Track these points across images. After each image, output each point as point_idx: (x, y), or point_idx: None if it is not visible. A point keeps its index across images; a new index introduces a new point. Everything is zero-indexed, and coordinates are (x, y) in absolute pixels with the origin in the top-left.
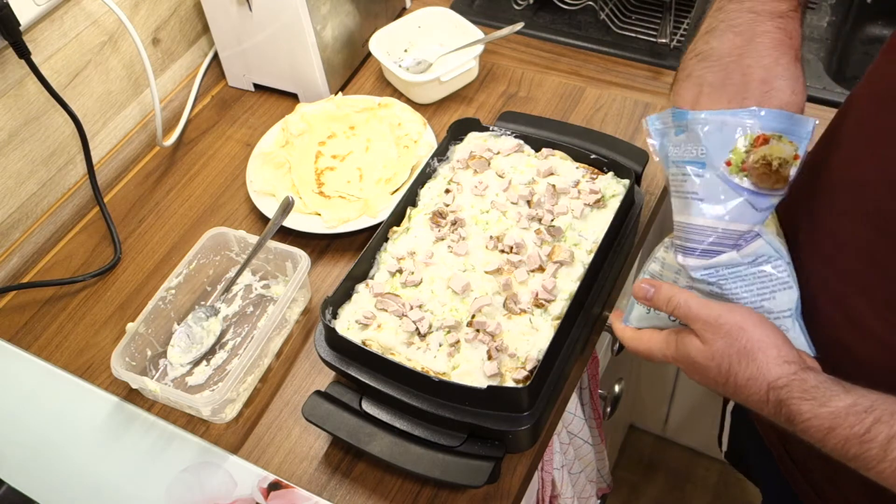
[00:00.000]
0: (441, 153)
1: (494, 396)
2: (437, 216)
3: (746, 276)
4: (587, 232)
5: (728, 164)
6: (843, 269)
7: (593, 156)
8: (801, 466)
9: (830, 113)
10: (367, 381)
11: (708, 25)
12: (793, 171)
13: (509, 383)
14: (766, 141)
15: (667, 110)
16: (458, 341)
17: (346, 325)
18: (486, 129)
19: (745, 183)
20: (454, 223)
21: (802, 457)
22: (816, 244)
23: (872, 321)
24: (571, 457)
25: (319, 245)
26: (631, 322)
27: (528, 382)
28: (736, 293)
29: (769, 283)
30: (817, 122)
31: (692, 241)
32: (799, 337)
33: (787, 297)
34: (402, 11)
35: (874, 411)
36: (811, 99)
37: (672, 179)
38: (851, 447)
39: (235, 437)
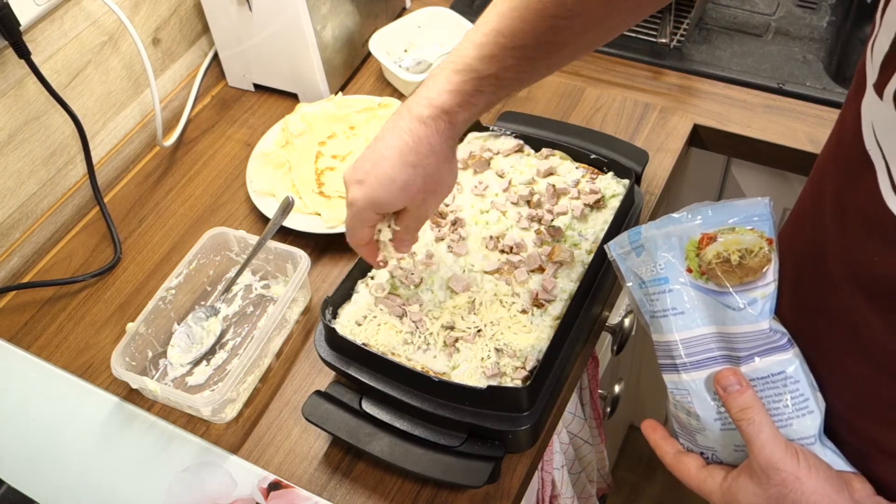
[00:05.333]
0: None
1: (494, 396)
2: (437, 216)
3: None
4: (587, 232)
5: (689, 271)
6: (847, 401)
7: (593, 156)
8: None
9: (831, 113)
10: (367, 381)
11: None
12: (773, 255)
13: (509, 383)
14: (712, 239)
15: (623, 233)
16: (457, 341)
17: (346, 325)
18: (486, 129)
19: (711, 285)
20: (454, 223)
21: None
22: (821, 377)
23: None
24: (571, 457)
25: (319, 245)
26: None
27: (528, 382)
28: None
29: (784, 409)
30: (769, 200)
31: (682, 356)
32: (835, 460)
33: (808, 423)
34: (402, 11)
35: None
36: (811, 99)
37: (645, 302)
38: None
39: (235, 437)
